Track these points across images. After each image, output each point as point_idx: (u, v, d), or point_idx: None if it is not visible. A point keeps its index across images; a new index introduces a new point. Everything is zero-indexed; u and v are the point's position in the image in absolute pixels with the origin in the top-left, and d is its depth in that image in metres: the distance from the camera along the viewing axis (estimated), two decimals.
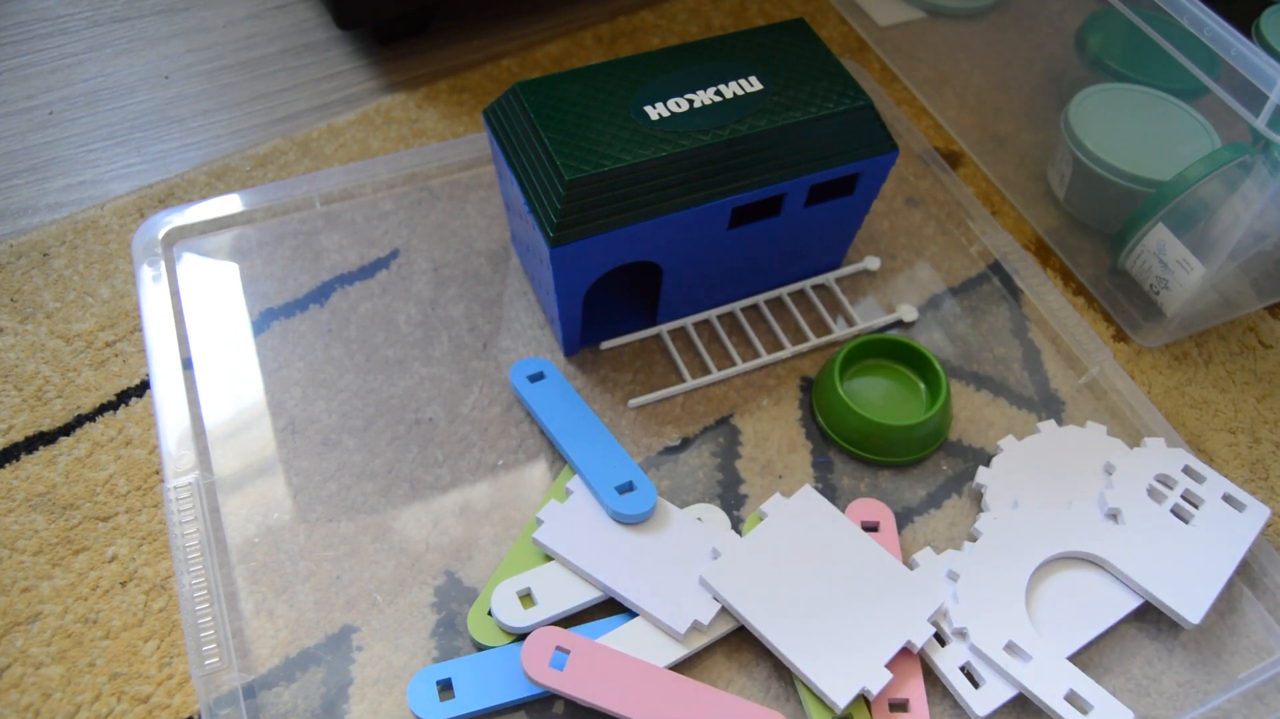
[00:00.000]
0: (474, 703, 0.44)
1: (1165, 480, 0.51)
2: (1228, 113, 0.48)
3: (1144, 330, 0.61)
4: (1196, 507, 0.50)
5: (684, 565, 0.48)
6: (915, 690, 0.45)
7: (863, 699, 0.45)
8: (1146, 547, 0.49)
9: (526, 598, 0.47)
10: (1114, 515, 0.50)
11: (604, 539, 0.48)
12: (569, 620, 0.47)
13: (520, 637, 0.46)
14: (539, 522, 0.49)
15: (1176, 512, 0.50)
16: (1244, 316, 0.63)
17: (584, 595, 0.47)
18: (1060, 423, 0.56)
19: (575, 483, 0.50)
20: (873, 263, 0.62)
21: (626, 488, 0.49)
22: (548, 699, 0.45)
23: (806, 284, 0.61)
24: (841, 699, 0.44)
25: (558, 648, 0.44)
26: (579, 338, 0.56)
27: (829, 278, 0.61)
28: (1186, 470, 0.51)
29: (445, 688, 0.45)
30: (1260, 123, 0.47)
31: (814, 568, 0.47)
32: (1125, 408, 0.55)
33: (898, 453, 0.53)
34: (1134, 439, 0.55)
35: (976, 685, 0.45)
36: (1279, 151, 0.49)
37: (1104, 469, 0.52)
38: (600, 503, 0.49)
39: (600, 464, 0.50)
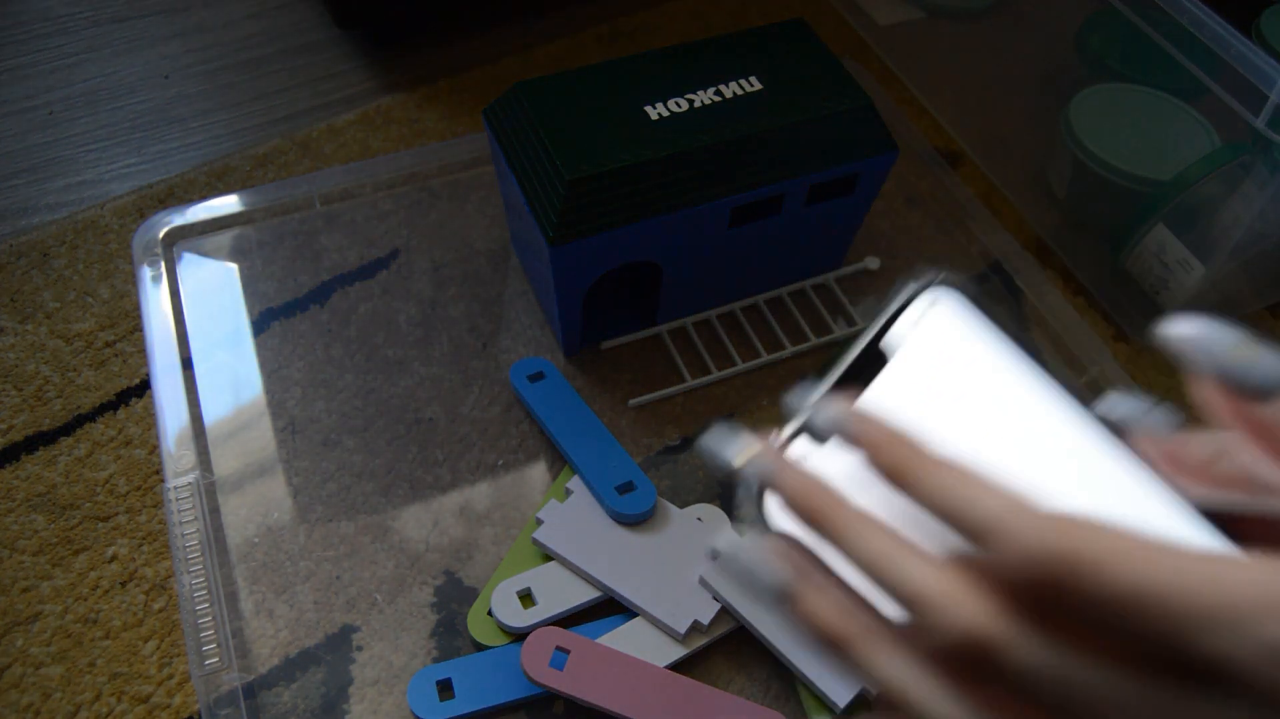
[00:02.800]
0: (474, 703, 0.44)
1: None
2: (1228, 113, 0.48)
3: (1144, 330, 0.61)
4: None
5: (684, 565, 0.48)
6: None
7: (863, 699, 0.45)
8: None
9: (526, 598, 0.47)
10: None
11: (604, 539, 0.48)
12: (569, 620, 0.47)
13: (520, 637, 0.46)
14: (539, 522, 0.49)
15: None
16: (1244, 316, 0.63)
17: (584, 595, 0.47)
18: None
19: (575, 483, 0.50)
20: (873, 263, 0.62)
21: (626, 488, 0.49)
22: (548, 699, 0.45)
23: (806, 284, 0.61)
24: (841, 699, 0.44)
25: (558, 648, 0.44)
26: (579, 338, 0.56)
27: (829, 277, 0.61)
28: None
29: (445, 688, 0.45)
30: (1260, 123, 0.47)
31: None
32: None
33: None
34: None
35: None
36: (1279, 151, 0.49)
37: None
38: (600, 503, 0.49)
39: (600, 464, 0.50)
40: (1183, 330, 0.26)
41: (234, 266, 0.60)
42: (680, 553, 0.48)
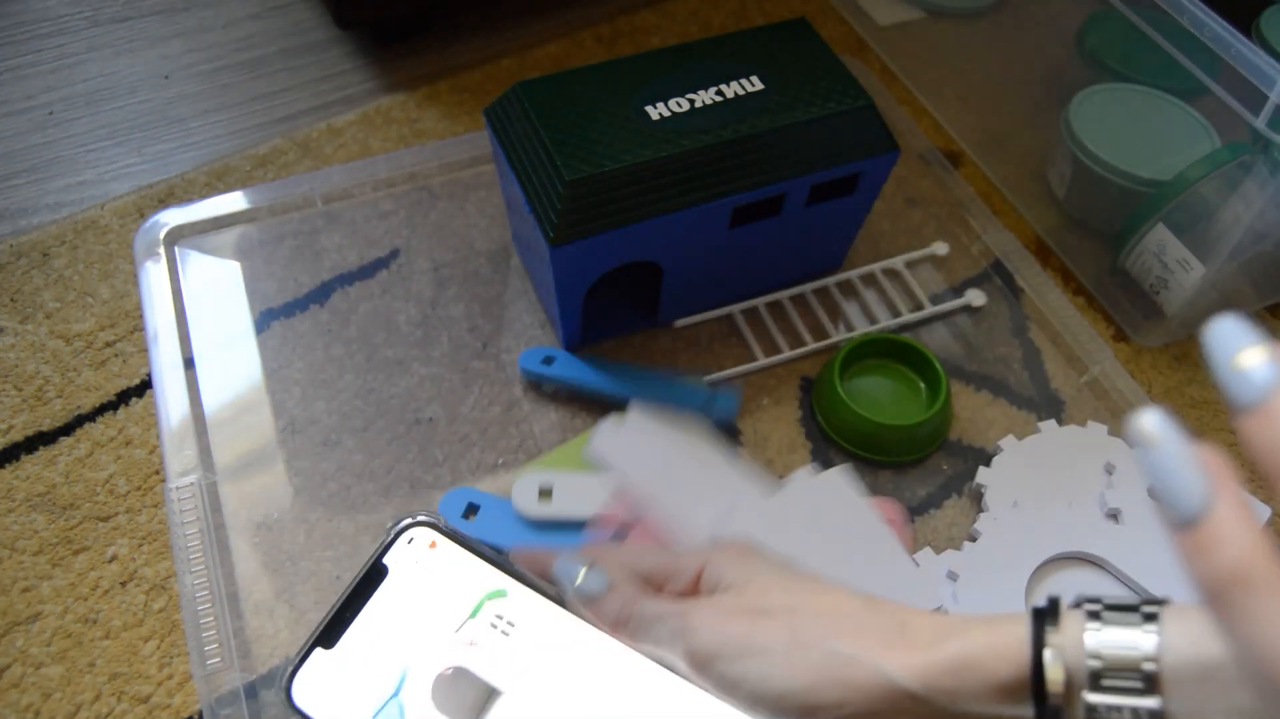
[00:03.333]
0: (490, 535, 0.48)
1: None
2: (1228, 113, 0.48)
3: (1144, 330, 0.61)
4: None
5: (717, 503, 0.49)
6: None
7: None
8: (1146, 547, 0.49)
9: (546, 493, 0.49)
10: (1114, 515, 0.50)
11: (656, 460, 0.51)
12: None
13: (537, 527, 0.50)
14: (591, 438, 0.51)
15: None
16: (1244, 316, 0.63)
17: (595, 509, 0.49)
18: (1060, 423, 0.56)
19: (635, 405, 0.53)
20: (940, 248, 0.63)
21: (709, 399, 0.54)
22: None
23: (807, 286, 0.61)
24: None
25: (625, 525, 0.48)
26: (580, 337, 0.56)
27: (828, 281, 0.61)
28: None
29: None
30: (1260, 123, 0.47)
31: (825, 543, 0.48)
32: (1126, 408, 0.56)
33: (898, 453, 0.53)
34: None
35: None
36: (1279, 151, 0.49)
37: (1104, 469, 0.52)
38: (689, 412, 0.53)
39: (671, 389, 0.54)
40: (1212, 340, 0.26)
41: (235, 266, 0.60)
42: (719, 493, 0.50)
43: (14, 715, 0.45)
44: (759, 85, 0.51)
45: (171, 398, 0.52)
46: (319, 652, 0.41)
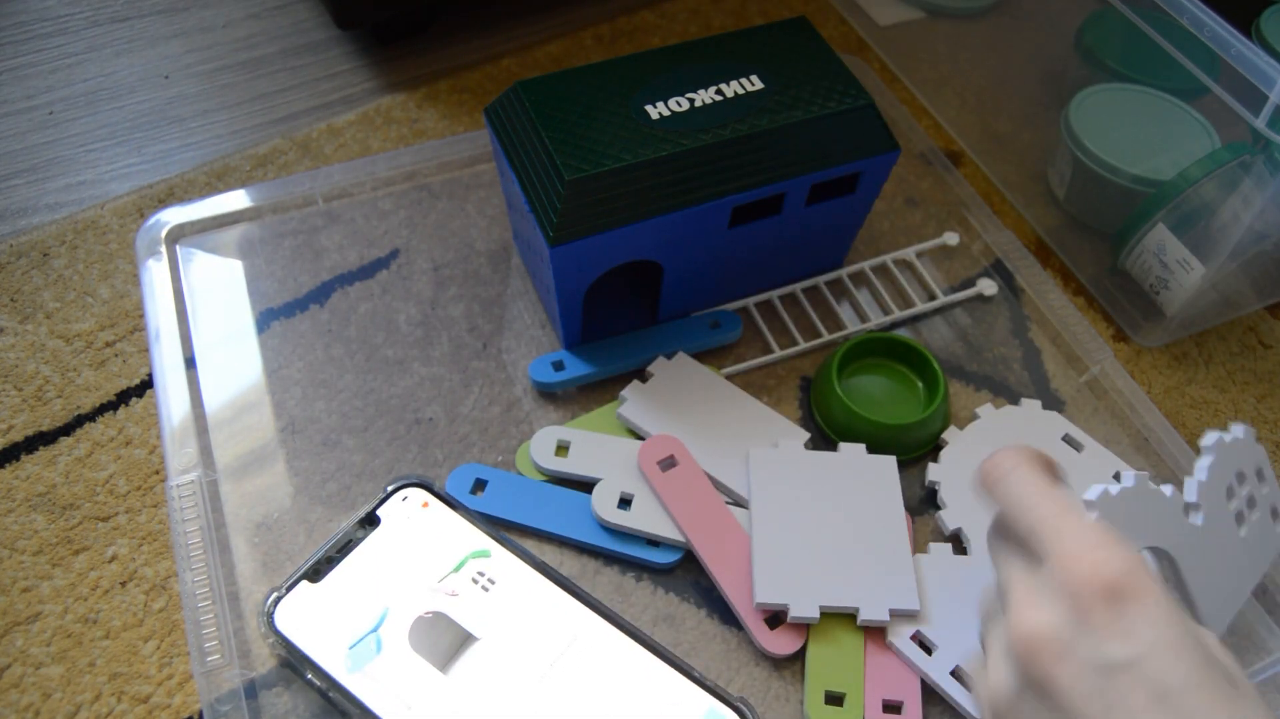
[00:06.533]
0: (500, 510, 0.50)
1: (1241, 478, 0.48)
2: (1228, 113, 0.48)
3: (1144, 330, 0.61)
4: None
5: (745, 446, 0.52)
6: (910, 694, 0.45)
7: (858, 691, 0.45)
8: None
9: (563, 449, 0.51)
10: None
11: (683, 415, 0.53)
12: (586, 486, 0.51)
13: (551, 479, 0.51)
14: (622, 399, 0.53)
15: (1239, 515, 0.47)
16: (1244, 316, 0.63)
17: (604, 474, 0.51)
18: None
19: (657, 365, 0.55)
20: (951, 238, 0.64)
21: (713, 328, 0.57)
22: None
23: (804, 284, 0.61)
24: (761, 594, 0.46)
25: (671, 456, 0.50)
26: (580, 337, 0.56)
27: (819, 280, 0.61)
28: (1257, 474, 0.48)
29: (479, 486, 0.51)
30: (1260, 123, 0.47)
31: (844, 512, 0.49)
32: (1126, 407, 0.56)
33: (896, 452, 0.53)
34: (1134, 439, 0.55)
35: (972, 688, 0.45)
36: (1279, 151, 0.49)
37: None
38: (698, 339, 0.56)
39: (677, 332, 0.57)
40: None
41: (237, 264, 0.60)
42: (749, 440, 0.52)
43: (14, 715, 0.45)
44: (759, 85, 0.51)
45: (173, 396, 0.52)
46: (305, 584, 0.45)
